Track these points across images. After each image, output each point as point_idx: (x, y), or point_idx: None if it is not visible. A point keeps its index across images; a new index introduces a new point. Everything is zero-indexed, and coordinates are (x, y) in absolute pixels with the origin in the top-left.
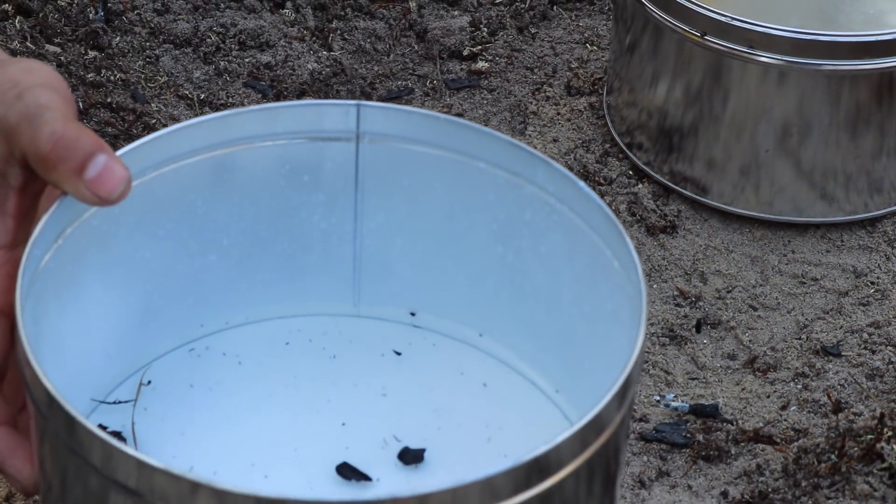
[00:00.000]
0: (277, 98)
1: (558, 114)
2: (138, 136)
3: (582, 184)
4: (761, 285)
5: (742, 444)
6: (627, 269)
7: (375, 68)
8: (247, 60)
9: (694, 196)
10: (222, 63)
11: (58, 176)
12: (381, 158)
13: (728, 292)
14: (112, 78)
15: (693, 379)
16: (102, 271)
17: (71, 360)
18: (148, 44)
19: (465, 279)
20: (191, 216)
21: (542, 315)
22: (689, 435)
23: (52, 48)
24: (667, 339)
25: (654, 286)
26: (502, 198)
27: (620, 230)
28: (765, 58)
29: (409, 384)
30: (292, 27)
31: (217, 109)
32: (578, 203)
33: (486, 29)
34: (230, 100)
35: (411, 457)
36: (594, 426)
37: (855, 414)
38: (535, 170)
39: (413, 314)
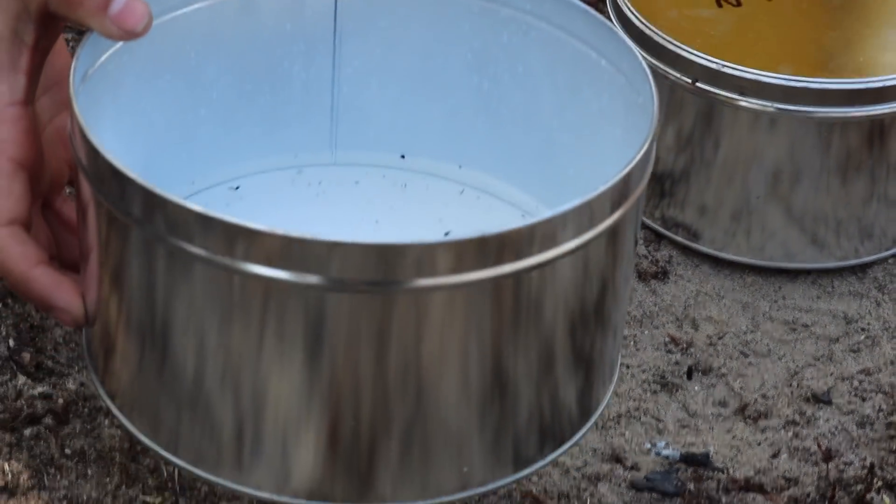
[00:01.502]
0: None
1: None
2: None
3: None
4: (752, 332)
5: (733, 492)
6: (620, 60)
7: None
8: None
9: (685, 242)
10: None
11: (83, 12)
12: (359, 1)
13: (719, 338)
14: None
15: (684, 426)
16: (114, 119)
17: None
18: None
19: (441, 115)
20: (185, 68)
21: (520, 136)
22: (680, 483)
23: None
24: (658, 387)
25: (646, 332)
26: (477, 25)
27: (606, 23)
28: (755, 104)
29: (398, 218)
30: None
31: None
32: (558, 14)
33: None
34: None
35: None
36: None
37: (845, 463)
38: None
39: (403, 157)
